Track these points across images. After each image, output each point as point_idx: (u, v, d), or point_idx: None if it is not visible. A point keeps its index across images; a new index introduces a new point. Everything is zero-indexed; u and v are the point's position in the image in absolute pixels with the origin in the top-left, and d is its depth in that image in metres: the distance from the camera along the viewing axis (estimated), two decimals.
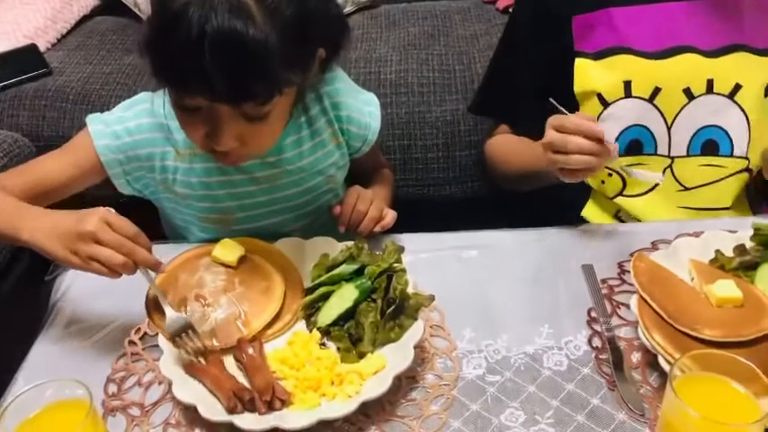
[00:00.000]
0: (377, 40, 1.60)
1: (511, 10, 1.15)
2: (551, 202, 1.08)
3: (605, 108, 1.02)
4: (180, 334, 0.76)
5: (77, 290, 0.91)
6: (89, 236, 0.74)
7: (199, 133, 0.82)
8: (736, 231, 0.89)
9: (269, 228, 1.00)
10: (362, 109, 1.02)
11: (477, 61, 1.50)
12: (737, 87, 0.99)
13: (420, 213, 1.12)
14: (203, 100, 0.78)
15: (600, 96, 1.02)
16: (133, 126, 0.93)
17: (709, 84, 0.99)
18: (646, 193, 1.06)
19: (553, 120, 0.89)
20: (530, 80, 1.07)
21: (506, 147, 1.13)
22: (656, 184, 1.04)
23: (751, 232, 0.87)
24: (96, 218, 0.75)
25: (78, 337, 0.84)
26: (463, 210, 1.50)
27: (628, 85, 1.00)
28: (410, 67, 1.49)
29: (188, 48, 0.72)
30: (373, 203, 0.94)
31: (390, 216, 0.94)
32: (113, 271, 0.75)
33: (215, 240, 0.89)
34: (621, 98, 1.01)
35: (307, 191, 1.00)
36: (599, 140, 0.84)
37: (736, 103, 0.99)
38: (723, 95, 0.99)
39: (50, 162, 0.94)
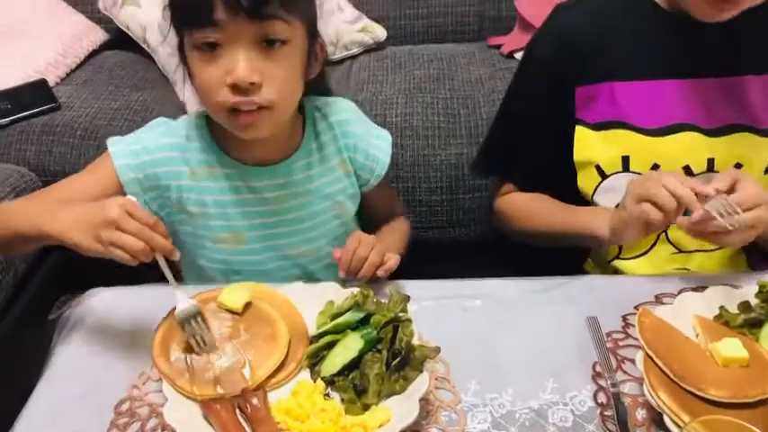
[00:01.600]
0: (383, 83, 1.62)
1: (515, 72, 1.14)
2: (554, 253, 1.09)
3: (603, 180, 1.02)
4: (189, 320, 0.80)
5: (81, 331, 0.90)
6: (111, 223, 0.76)
7: (217, 74, 0.86)
8: (741, 287, 0.90)
9: (276, 249, 1.03)
10: (371, 141, 1.05)
11: (482, 105, 1.52)
12: (738, 167, 0.98)
13: (423, 255, 1.13)
14: (225, 28, 0.83)
15: (598, 168, 1.02)
16: (151, 145, 0.97)
17: (710, 162, 0.98)
18: (641, 255, 1.05)
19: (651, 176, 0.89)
20: (537, 141, 1.07)
21: (528, 205, 1.11)
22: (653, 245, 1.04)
23: (755, 288, 0.87)
24: (117, 206, 0.77)
25: (80, 380, 0.84)
26: (466, 252, 1.50)
27: (626, 159, 1.00)
28: (415, 110, 1.51)
29: None
30: (374, 249, 0.94)
31: (393, 260, 0.94)
32: (133, 257, 0.77)
33: (224, 282, 0.90)
34: (620, 172, 1.01)
35: (314, 214, 1.03)
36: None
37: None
38: None
39: (73, 184, 0.98)
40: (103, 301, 0.93)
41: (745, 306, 0.86)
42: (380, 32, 1.83)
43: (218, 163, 0.98)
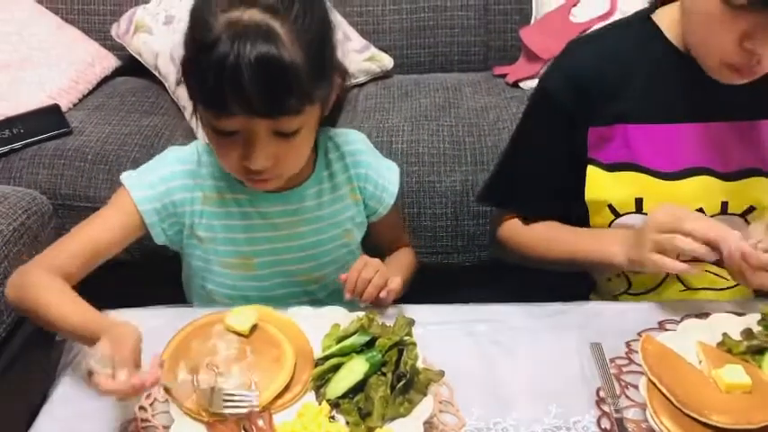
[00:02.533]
0: (389, 111, 1.65)
1: (526, 107, 1.13)
2: (559, 280, 1.09)
3: (616, 218, 1.01)
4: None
5: (87, 354, 0.90)
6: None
7: (234, 157, 0.89)
8: (743, 314, 0.91)
9: (285, 275, 1.04)
10: (381, 171, 1.07)
11: (487, 133, 1.54)
12: (751, 209, 0.98)
13: (428, 281, 1.14)
14: (241, 120, 0.85)
15: (611, 207, 1.01)
16: (167, 174, 0.99)
17: (724, 206, 0.98)
18: (648, 292, 1.05)
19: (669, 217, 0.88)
20: (546, 177, 1.06)
21: (536, 232, 1.09)
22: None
23: (757, 316, 0.88)
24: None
25: (87, 402, 0.84)
26: (470, 278, 1.51)
27: (639, 201, 0.99)
28: (421, 137, 1.53)
29: (227, 72, 0.80)
30: (379, 272, 0.95)
31: (395, 282, 0.95)
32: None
33: (228, 305, 0.91)
34: (633, 212, 1.00)
35: (322, 241, 1.04)
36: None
37: (748, 222, 0.98)
38: (736, 215, 0.99)
39: (94, 226, 0.98)
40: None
41: (748, 333, 0.86)
42: (387, 61, 1.86)
43: (228, 189, 1.00)
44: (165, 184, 0.99)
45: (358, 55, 1.79)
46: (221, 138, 0.89)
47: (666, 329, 0.91)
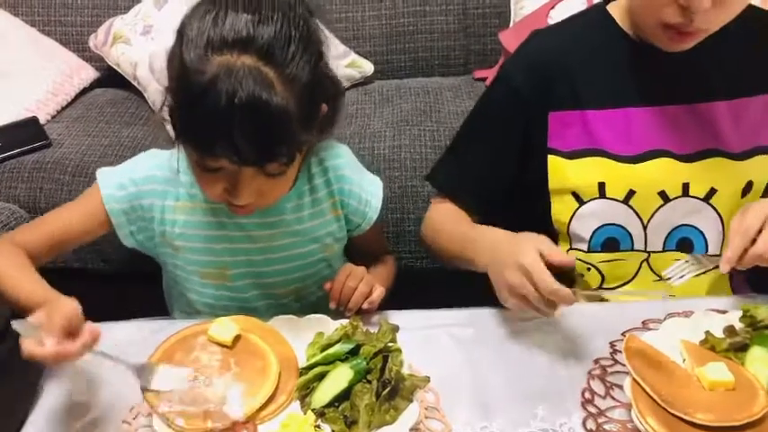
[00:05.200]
0: (371, 116, 1.65)
1: (484, 91, 1.14)
2: None
3: (581, 206, 1.02)
4: None
5: (71, 367, 0.89)
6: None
7: (217, 189, 0.88)
8: (725, 312, 0.91)
9: (262, 287, 1.04)
10: (365, 186, 1.06)
11: None
12: (713, 191, 1.00)
13: (412, 285, 1.14)
14: (228, 162, 0.83)
15: (575, 194, 1.02)
16: (139, 177, 0.98)
17: (685, 187, 1.00)
18: (623, 284, 1.06)
19: (522, 260, 0.84)
20: (494, 164, 1.06)
21: (441, 223, 1.09)
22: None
23: (738, 313, 0.89)
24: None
25: (72, 416, 0.83)
26: (454, 282, 1.50)
27: (602, 186, 1.00)
28: (403, 142, 1.53)
29: (217, 117, 0.78)
30: (364, 280, 0.95)
31: (378, 293, 0.95)
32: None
33: (212, 317, 0.91)
34: (596, 198, 1.01)
35: (300, 255, 1.03)
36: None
37: (711, 205, 1.00)
38: (698, 198, 1.00)
39: (63, 214, 1.00)
40: None
41: (730, 330, 0.87)
42: (368, 67, 1.86)
43: (204, 198, 0.98)
44: (136, 186, 0.98)
45: (338, 61, 1.78)
46: (205, 172, 0.87)
47: (650, 329, 0.91)
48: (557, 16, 1.70)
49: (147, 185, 0.99)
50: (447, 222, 1.08)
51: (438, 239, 1.09)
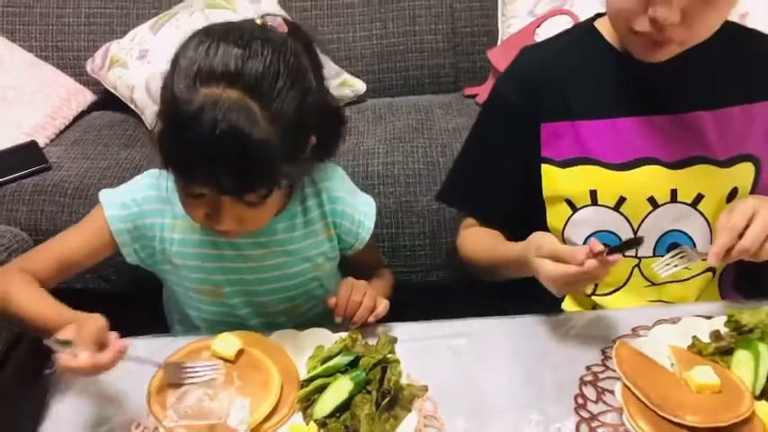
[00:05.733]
0: (364, 134, 1.68)
1: (480, 109, 1.19)
2: (533, 292, 1.13)
3: (574, 213, 1.06)
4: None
5: (76, 385, 0.92)
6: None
7: (199, 213, 0.91)
8: (711, 317, 0.94)
9: (255, 305, 1.07)
10: (358, 207, 1.09)
11: None
12: (700, 197, 1.03)
13: (408, 298, 1.16)
14: (208, 190, 0.86)
15: (569, 201, 1.06)
16: (140, 197, 1.01)
17: (673, 193, 1.03)
18: (616, 290, 1.09)
19: (551, 252, 0.90)
20: (498, 177, 1.11)
21: (476, 243, 1.14)
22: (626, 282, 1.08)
23: (724, 318, 0.92)
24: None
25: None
26: (449, 294, 1.53)
27: (594, 193, 1.04)
28: (396, 159, 1.56)
29: (198, 147, 0.81)
30: (367, 293, 0.98)
31: (383, 305, 0.98)
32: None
33: (211, 333, 0.94)
34: (588, 205, 1.05)
35: (292, 275, 1.06)
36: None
37: (698, 210, 1.03)
38: (686, 204, 1.03)
39: (69, 238, 1.03)
40: None
41: (716, 335, 0.90)
42: (360, 86, 1.89)
43: None
44: (137, 206, 1.01)
45: (331, 81, 1.81)
46: (189, 197, 0.90)
47: (639, 335, 0.94)
48: (543, 34, 1.74)
49: (147, 205, 1.02)
50: (481, 240, 1.13)
51: (477, 258, 1.13)
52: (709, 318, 0.95)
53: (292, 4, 1.94)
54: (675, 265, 0.96)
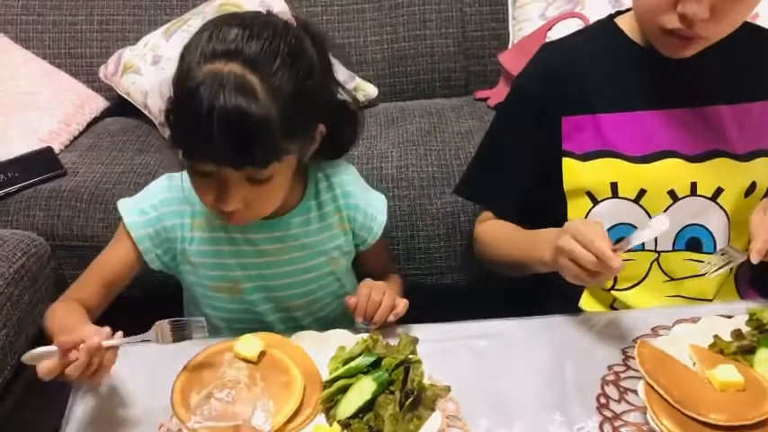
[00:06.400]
0: (377, 138, 1.69)
1: (500, 105, 1.20)
2: (551, 291, 1.13)
3: (595, 205, 1.07)
4: None
5: (98, 389, 0.92)
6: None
7: (209, 196, 0.92)
8: (731, 316, 0.94)
9: (274, 300, 1.08)
10: (370, 202, 1.11)
11: (473, 156, 1.57)
12: (719, 191, 1.04)
13: (424, 301, 1.16)
14: (211, 165, 0.88)
15: (589, 194, 1.07)
16: (158, 201, 1.03)
17: (693, 186, 1.03)
18: (635, 285, 1.09)
19: (570, 227, 0.92)
20: (518, 171, 1.13)
21: (497, 233, 1.16)
22: (646, 276, 1.08)
23: (745, 317, 0.92)
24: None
25: None
26: (465, 296, 1.54)
27: (614, 186, 1.04)
28: (410, 162, 1.57)
29: (199, 120, 0.83)
30: (386, 293, 0.99)
31: (403, 304, 0.99)
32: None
33: (230, 331, 0.97)
34: (609, 197, 1.05)
35: (309, 269, 1.08)
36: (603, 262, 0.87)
37: (718, 204, 1.04)
38: (706, 197, 1.04)
39: (105, 258, 1.05)
40: (120, 359, 0.94)
41: (737, 334, 0.90)
42: (372, 90, 1.90)
43: (216, 215, 1.02)
44: (156, 210, 1.03)
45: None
46: (197, 177, 0.93)
47: (659, 335, 0.94)
48: (554, 37, 1.75)
49: (166, 208, 1.03)
50: (502, 231, 1.14)
51: (498, 248, 1.14)
52: (729, 317, 0.95)
53: (303, 10, 1.95)
54: (720, 266, 0.96)
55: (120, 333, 0.85)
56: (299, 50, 0.90)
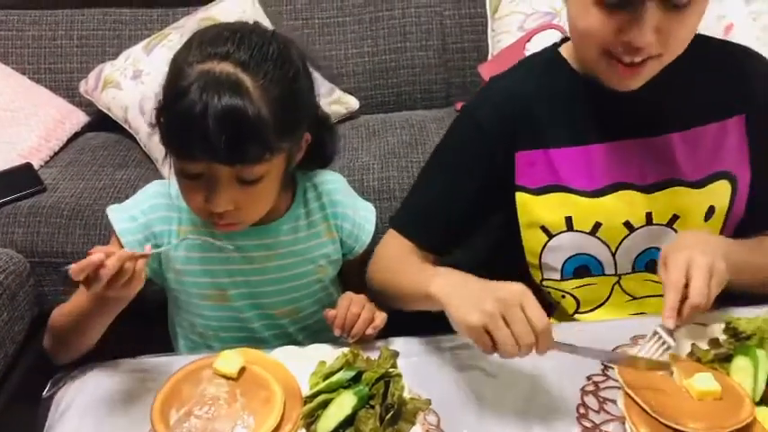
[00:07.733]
0: (359, 150, 1.69)
1: (446, 132, 1.12)
2: None
3: (550, 239, 1.05)
4: None
5: (76, 408, 0.91)
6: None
7: (198, 198, 0.93)
8: (708, 325, 0.95)
9: (260, 307, 1.09)
10: (358, 211, 1.13)
11: None
12: (675, 217, 1.02)
13: (404, 314, 1.16)
14: (203, 165, 0.90)
15: (544, 228, 1.05)
16: (147, 207, 1.05)
17: (648, 216, 1.02)
18: (597, 307, 1.09)
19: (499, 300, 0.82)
20: (462, 205, 1.07)
21: (395, 260, 1.07)
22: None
23: (722, 325, 0.93)
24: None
25: None
26: None
27: (569, 220, 1.03)
28: (391, 174, 1.58)
29: (194, 119, 0.85)
30: (366, 306, 0.99)
31: (381, 318, 0.99)
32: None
33: (216, 339, 0.99)
34: (564, 231, 1.03)
35: (296, 276, 1.08)
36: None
37: (674, 229, 1.02)
38: (662, 225, 1.02)
39: None
40: (98, 377, 0.95)
41: (714, 342, 0.91)
42: (353, 103, 1.91)
43: (203, 222, 1.03)
44: (145, 216, 1.04)
45: (325, 99, 1.83)
46: (187, 180, 0.94)
47: (639, 344, 0.95)
48: (533, 48, 1.77)
49: (154, 214, 1.04)
50: (400, 260, 1.06)
51: (390, 278, 1.05)
52: (706, 326, 0.95)
53: (284, 23, 1.96)
54: (655, 353, 0.90)
55: (148, 246, 0.89)
56: (286, 55, 0.93)
